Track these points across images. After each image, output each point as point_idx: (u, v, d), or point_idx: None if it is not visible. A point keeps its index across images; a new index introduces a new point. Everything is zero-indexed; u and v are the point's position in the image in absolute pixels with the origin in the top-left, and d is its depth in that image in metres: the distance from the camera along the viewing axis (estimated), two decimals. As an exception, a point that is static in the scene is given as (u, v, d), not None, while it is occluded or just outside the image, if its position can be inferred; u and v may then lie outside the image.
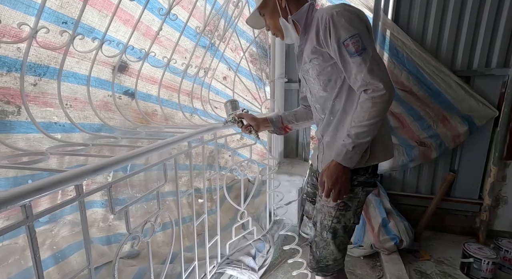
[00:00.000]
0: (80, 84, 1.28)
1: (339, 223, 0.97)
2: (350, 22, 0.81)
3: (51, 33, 0.98)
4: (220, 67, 2.17)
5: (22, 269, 1.08)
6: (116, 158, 0.78)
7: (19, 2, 0.88)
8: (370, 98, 0.81)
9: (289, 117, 1.26)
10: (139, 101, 1.58)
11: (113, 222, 1.50)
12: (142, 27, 1.43)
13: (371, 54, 0.80)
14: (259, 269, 1.61)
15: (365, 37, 0.81)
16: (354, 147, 0.84)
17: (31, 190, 0.54)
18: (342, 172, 0.88)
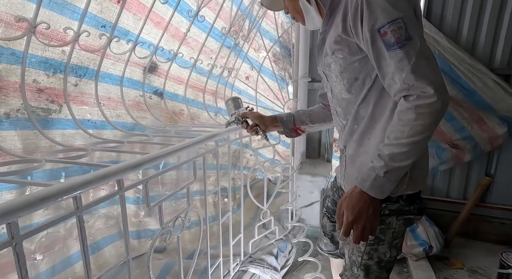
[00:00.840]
0: (114, 84, 1.34)
1: (371, 260, 0.79)
2: (392, 2, 0.59)
3: (91, 36, 1.04)
4: (243, 67, 2.19)
5: (65, 257, 1.15)
6: (152, 155, 0.81)
7: (66, 8, 0.95)
8: (413, 107, 0.59)
9: (303, 117, 1.05)
10: (167, 100, 1.64)
11: (143, 219, 1.56)
12: (172, 29, 1.47)
13: (418, 47, 0.59)
14: (281, 268, 1.61)
15: (412, 23, 0.59)
16: (387, 173, 0.63)
17: (81, 183, 0.58)
18: (369, 203, 0.65)
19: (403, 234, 0.80)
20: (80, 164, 0.81)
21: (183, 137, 1.20)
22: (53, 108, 1.08)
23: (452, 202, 2.06)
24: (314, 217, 2.07)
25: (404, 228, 0.78)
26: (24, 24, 0.84)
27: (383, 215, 0.74)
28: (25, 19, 0.83)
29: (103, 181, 0.64)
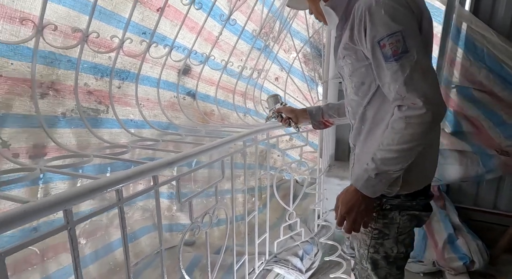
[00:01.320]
0: (152, 86, 1.44)
1: (377, 253, 0.83)
2: (393, 16, 0.62)
3: (133, 42, 1.13)
4: (272, 68, 2.21)
5: (106, 244, 1.27)
6: (184, 154, 0.86)
7: (112, 18, 1.05)
8: (404, 117, 0.63)
9: (331, 111, 1.10)
10: (199, 101, 1.72)
11: (175, 213, 1.66)
12: (205, 33, 1.54)
13: (414, 59, 0.62)
14: (306, 271, 1.60)
15: (411, 35, 0.63)
16: (378, 175, 0.68)
17: (122, 178, 0.65)
18: (361, 200, 0.71)
19: (410, 230, 0.82)
20: (123, 160, 0.89)
21: (213, 137, 1.25)
22: (101, 108, 1.20)
23: (501, 215, 1.87)
24: (342, 221, 2.01)
25: (409, 224, 0.81)
26: (78, 34, 0.94)
27: (384, 209, 0.79)
28: (79, 29, 0.93)
29: (141, 177, 0.70)
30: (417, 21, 0.66)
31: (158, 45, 1.29)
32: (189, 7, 1.25)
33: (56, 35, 0.92)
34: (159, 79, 1.43)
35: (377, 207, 0.78)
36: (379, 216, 0.80)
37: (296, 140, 2.65)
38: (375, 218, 0.80)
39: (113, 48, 1.10)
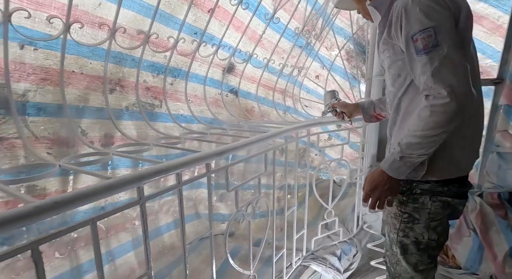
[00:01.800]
0: (199, 83, 1.54)
1: (407, 238, 0.85)
2: (427, 13, 0.68)
3: (186, 42, 1.22)
4: (313, 65, 2.19)
5: (155, 227, 1.40)
6: (234, 145, 0.92)
7: (170, 20, 1.15)
8: (429, 105, 0.68)
9: (382, 105, 1.13)
10: (240, 98, 1.78)
11: (215, 203, 1.74)
12: (249, 32, 1.59)
13: (444, 53, 0.66)
14: (344, 271, 1.56)
15: (444, 31, 0.67)
16: (402, 158, 0.74)
17: (182, 163, 0.72)
18: (386, 180, 0.77)
19: (442, 218, 0.83)
20: (179, 149, 0.98)
21: (256, 132, 1.29)
22: (156, 103, 1.32)
23: None
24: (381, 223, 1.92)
25: (442, 212, 0.82)
26: (141, 35, 1.06)
27: (415, 193, 0.82)
28: (142, 31, 1.04)
29: (197, 163, 0.76)
30: (454, 17, 0.70)
31: (206, 44, 1.38)
32: (237, 7, 1.32)
33: (124, 37, 1.04)
34: (206, 76, 1.52)
35: (407, 191, 0.82)
36: (409, 200, 0.82)
37: (335, 140, 2.59)
38: (405, 202, 0.83)
39: (169, 48, 1.20)
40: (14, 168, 0.76)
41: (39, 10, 0.77)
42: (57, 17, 0.79)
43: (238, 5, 1.30)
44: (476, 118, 0.81)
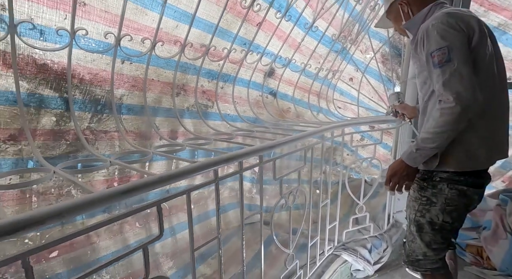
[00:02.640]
0: (244, 86, 1.73)
1: (423, 217, 0.98)
2: (443, 35, 0.84)
3: (236, 52, 1.42)
4: (347, 68, 2.28)
5: (205, 211, 1.62)
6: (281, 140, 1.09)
7: (225, 34, 1.35)
8: (440, 108, 0.84)
9: None
10: (278, 99, 1.95)
11: (254, 195, 1.93)
12: (289, 40, 1.75)
13: (454, 67, 0.81)
14: (374, 263, 1.66)
15: (455, 49, 0.82)
16: (418, 150, 0.90)
17: (242, 154, 0.90)
18: (404, 168, 0.94)
19: (458, 205, 0.94)
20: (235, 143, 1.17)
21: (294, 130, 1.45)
22: (209, 104, 1.54)
23: None
24: (415, 223, 1.97)
25: (457, 199, 0.93)
26: (203, 48, 1.27)
27: (434, 181, 0.95)
28: (204, 45, 1.26)
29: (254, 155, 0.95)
30: (467, 37, 0.85)
31: (253, 53, 1.57)
32: (281, 19, 1.49)
33: (190, 50, 1.25)
34: (250, 80, 1.71)
35: (428, 178, 0.96)
36: (429, 186, 0.96)
37: (367, 140, 2.65)
38: (425, 187, 0.97)
39: (223, 57, 1.41)
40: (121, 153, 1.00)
41: (137, 34, 1.01)
42: (148, 39, 1.02)
43: (282, 18, 1.47)
44: (492, 121, 0.92)
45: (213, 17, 1.22)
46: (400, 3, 1.02)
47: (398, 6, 1.04)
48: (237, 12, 1.33)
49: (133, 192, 0.62)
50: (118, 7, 0.86)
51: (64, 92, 0.93)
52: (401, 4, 1.02)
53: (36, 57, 0.84)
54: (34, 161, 0.89)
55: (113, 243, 1.11)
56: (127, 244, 1.18)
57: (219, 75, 1.49)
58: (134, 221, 1.22)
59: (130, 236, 1.19)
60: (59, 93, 0.92)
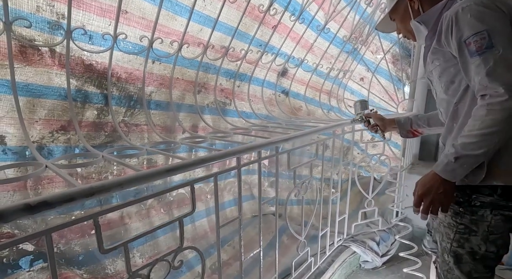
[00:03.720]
0: (258, 85, 1.83)
1: (461, 248, 0.81)
2: (479, 17, 0.69)
3: (253, 53, 1.52)
4: (358, 68, 2.35)
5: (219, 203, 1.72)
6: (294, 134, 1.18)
7: (244, 37, 1.46)
8: (485, 104, 0.68)
9: (420, 121, 1.15)
10: (290, 98, 2.04)
11: (266, 188, 2.03)
12: (302, 41, 1.84)
13: (498, 54, 0.67)
14: (382, 256, 1.73)
15: (497, 33, 0.68)
16: (458, 159, 0.71)
17: (262, 144, 1.00)
18: (439, 183, 0.74)
19: (504, 232, 0.78)
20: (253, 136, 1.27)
21: (307, 126, 1.54)
22: (227, 102, 1.65)
23: None
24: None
25: (503, 225, 0.77)
26: (223, 50, 1.38)
27: (474, 206, 0.78)
28: (225, 47, 1.37)
29: (269, 146, 1.04)
30: (508, 18, 0.70)
31: (267, 53, 1.67)
32: (295, 22, 1.58)
33: (211, 51, 1.36)
34: (264, 79, 1.81)
35: (464, 202, 0.78)
36: (467, 212, 0.78)
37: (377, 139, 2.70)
38: (461, 213, 0.79)
39: (240, 58, 1.52)
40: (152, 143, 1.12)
41: (167, 37, 1.13)
42: (176, 41, 1.14)
43: (296, 20, 1.57)
44: None
45: (233, 21, 1.33)
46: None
47: (406, 3, 0.91)
48: (255, 16, 1.43)
49: (176, 171, 0.73)
50: (153, 13, 0.98)
51: (104, 89, 1.05)
52: (411, 0, 0.90)
53: (84, 58, 0.96)
54: (79, 149, 1.02)
55: (142, 225, 1.23)
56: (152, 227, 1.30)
57: (236, 74, 1.60)
58: (159, 207, 1.34)
59: (156, 220, 1.31)
60: (100, 90, 1.05)
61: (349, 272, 1.72)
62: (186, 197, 1.54)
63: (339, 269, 1.60)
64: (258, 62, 1.64)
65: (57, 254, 0.93)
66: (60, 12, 0.85)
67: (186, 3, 1.12)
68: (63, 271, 0.95)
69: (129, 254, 0.64)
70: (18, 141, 0.87)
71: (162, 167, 0.71)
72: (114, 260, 1.06)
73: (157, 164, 1.31)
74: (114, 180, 0.62)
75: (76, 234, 0.99)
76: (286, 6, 1.43)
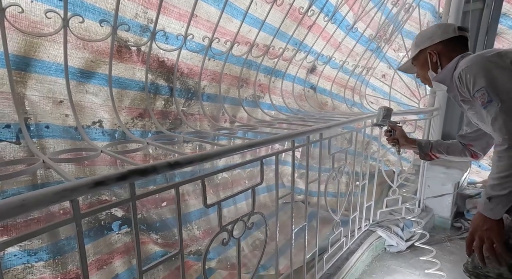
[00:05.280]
0: (290, 81, 1.97)
1: None
2: (475, 77, 0.82)
3: (288, 51, 1.66)
4: (380, 66, 2.46)
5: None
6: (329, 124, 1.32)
7: (283, 36, 1.60)
8: (496, 151, 0.79)
9: (440, 148, 1.24)
10: (317, 93, 2.18)
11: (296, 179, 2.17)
12: (332, 40, 1.97)
13: (498, 105, 0.78)
14: (406, 241, 1.84)
15: (493, 88, 0.79)
16: (491, 199, 0.79)
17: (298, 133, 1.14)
18: (483, 221, 0.80)
19: None
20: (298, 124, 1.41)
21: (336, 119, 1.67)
22: (261, 95, 1.80)
23: None
24: (444, 208, 2.12)
25: None
26: (265, 48, 1.53)
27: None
28: (266, 45, 1.51)
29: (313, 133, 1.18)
30: (498, 74, 0.80)
31: (301, 52, 1.81)
32: (327, 22, 1.72)
33: (255, 49, 1.51)
34: (295, 76, 1.96)
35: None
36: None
37: (397, 133, 2.80)
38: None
39: (278, 55, 1.66)
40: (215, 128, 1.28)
41: (222, 38, 1.28)
42: (229, 41, 1.29)
43: (329, 21, 1.70)
44: None
45: (276, 22, 1.47)
46: (430, 52, 1.01)
47: (427, 55, 1.02)
48: (295, 17, 1.57)
49: (252, 147, 0.89)
50: (216, 16, 1.14)
51: (170, 82, 1.22)
52: (430, 54, 1.01)
53: (159, 56, 1.13)
54: (151, 133, 1.18)
55: (197, 203, 1.39)
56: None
57: (272, 70, 1.75)
58: (209, 188, 1.51)
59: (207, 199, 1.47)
60: (168, 83, 1.21)
61: (376, 254, 1.85)
62: (228, 181, 1.69)
63: (367, 251, 1.73)
64: (292, 59, 1.79)
65: (140, 219, 1.10)
66: (150, 18, 1.01)
67: (242, 7, 1.28)
68: (141, 237, 1.12)
69: (221, 211, 0.79)
70: (111, 125, 1.04)
71: (241, 144, 0.86)
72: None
73: (206, 148, 1.47)
74: (196, 154, 0.77)
75: (152, 205, 1.16)
76: (322, 7, 1.57)
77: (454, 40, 1.00)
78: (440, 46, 1.01)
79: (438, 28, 1.04)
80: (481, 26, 2.15)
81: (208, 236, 1.49)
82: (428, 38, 1.03)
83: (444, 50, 1.00)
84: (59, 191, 0.46)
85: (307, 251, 1.36)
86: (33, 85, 0.85)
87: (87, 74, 0.96)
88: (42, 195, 0.44)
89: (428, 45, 1.03)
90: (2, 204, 0.40)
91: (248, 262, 1.57)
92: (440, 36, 1.01)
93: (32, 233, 0.44)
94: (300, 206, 2.01)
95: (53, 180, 0.90)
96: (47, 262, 0.86)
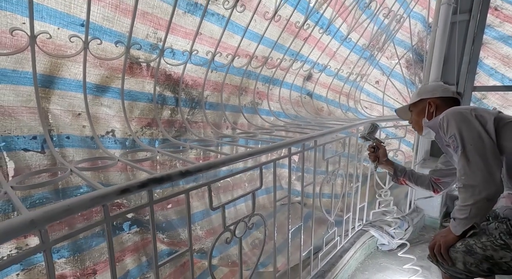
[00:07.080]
0: (287, 88, 2.08)
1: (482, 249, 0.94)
2: (448, 125, 0.97)
3: (285, 61, 1.77)
4: (374, 72, 2.57)
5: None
6: (321, 132, 1.42)
7: (280, 48, 1.70)
8: (457, 187, 0.96)
9: (412, 177, 1.39)
10: (313, 100, 2.28)
11: (293, 181, 2.27)
12: (327, 50, 2.08)
13: (463, 151, 0.92)
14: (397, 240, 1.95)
15: (461, 136, 0.93)
16: (455, 219, 0.96)
17: (304, 138, 1.24)
18: (447, 232, 0.99)
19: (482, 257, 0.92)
20: (295, 131, 1.51)
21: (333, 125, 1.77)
22: (259, 102, 1.90)
23: None
24: (434, 209, 2.23)
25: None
26: (263, 59, 1.63)
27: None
28: (265, 57, 1.62)
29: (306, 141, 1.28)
30: (480, 124, 0.93)
31: (297, 61, 1.91)
32: (322, 34, 1.82)
33: (254, 60, 1.62)
34: (292, 83, 2.06)
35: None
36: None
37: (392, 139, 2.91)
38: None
39: (275, 65, 1.76)
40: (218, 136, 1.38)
41: (224, 52, 1.38)
42: (231, 54, 1.40)
43: (324, 33, 1.81)
44: None
45: (274, 35, 1.58)
46: (429, 102, 1.16)
47: (426, 103, 1.16)
48: (291, 31, 1.68)
49: (254, 155, 0.99)
50: (218, 33, 1.24)
51: (176, 93, 1.32)
52: (430, 103, 1.15)
53: (166, 70, 1.22)
54: (159, 141, 1.28)
55: (200, 204, 1.49)
56: (207, 207, 1.56)
57: (270, 79, 1.85)
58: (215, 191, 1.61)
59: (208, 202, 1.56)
60: (174, 94, 1.31)
61: (368, 252, 1.95)
62: (230, 184, 1.79)
63: (359, 249, 1.83)
64: (289, 69, 1.89)
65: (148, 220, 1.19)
66: (159, 37, 1.11)
67: (243, 25, 1.38)
68: (149, 236, 1.21)
69: (225, 213, 0.89)
70: (122, 134, 1.14)
71: (243, 152, 0.96)
72: (184, 229, 1.32)
73: (210, 156, 1.57)
74: (204, 163, 0.87)
75: (158, 207, 1.26)
76: (317, 21, 1.67)
77: (451, 99, 1.15)
78: (438, 101, 1.15)
79: (440, 86, 1.20)
80: (467, 36, 2.27)
81: (210, 235, 1.59)
82: (430, 91, 1.19)
83: (441, 104, 1.14)
84: (94, 197, 0.56)
85: (303, 250, 1.46)
86: (55, 100, 0.94)
87: (102, 88, 1.05)
88: (82, 201, 0.53)
89: (429, 96, 1.18)
90: (52, 209, 0.49)
91: (248, 259, 1.67)
92: (441, 92, 1.17)
93: (75, 232, 0.54)
94: (298, 207, 2.11)
95: (72, 185, 1.00)
96: (67, 259, 0.95)
